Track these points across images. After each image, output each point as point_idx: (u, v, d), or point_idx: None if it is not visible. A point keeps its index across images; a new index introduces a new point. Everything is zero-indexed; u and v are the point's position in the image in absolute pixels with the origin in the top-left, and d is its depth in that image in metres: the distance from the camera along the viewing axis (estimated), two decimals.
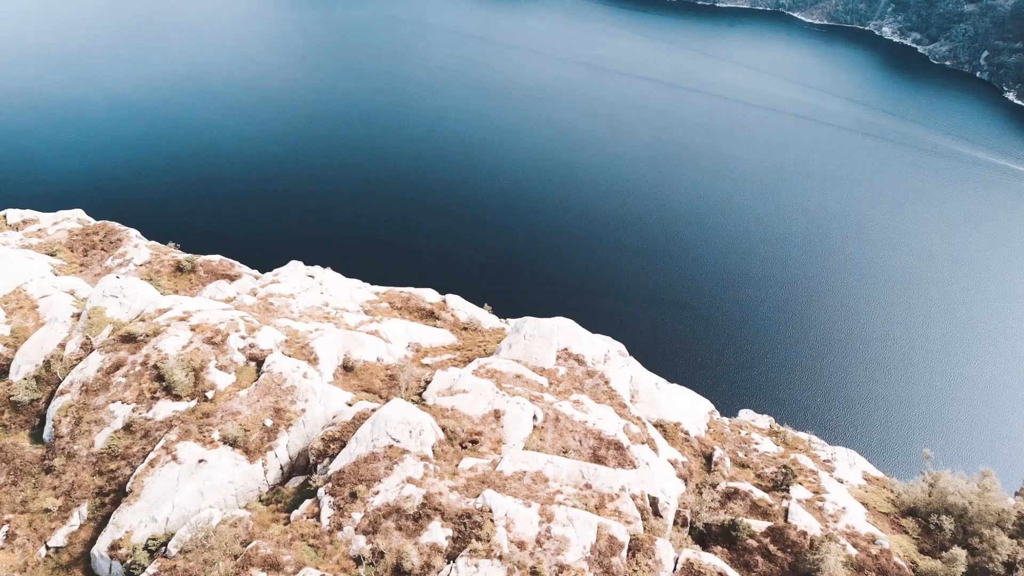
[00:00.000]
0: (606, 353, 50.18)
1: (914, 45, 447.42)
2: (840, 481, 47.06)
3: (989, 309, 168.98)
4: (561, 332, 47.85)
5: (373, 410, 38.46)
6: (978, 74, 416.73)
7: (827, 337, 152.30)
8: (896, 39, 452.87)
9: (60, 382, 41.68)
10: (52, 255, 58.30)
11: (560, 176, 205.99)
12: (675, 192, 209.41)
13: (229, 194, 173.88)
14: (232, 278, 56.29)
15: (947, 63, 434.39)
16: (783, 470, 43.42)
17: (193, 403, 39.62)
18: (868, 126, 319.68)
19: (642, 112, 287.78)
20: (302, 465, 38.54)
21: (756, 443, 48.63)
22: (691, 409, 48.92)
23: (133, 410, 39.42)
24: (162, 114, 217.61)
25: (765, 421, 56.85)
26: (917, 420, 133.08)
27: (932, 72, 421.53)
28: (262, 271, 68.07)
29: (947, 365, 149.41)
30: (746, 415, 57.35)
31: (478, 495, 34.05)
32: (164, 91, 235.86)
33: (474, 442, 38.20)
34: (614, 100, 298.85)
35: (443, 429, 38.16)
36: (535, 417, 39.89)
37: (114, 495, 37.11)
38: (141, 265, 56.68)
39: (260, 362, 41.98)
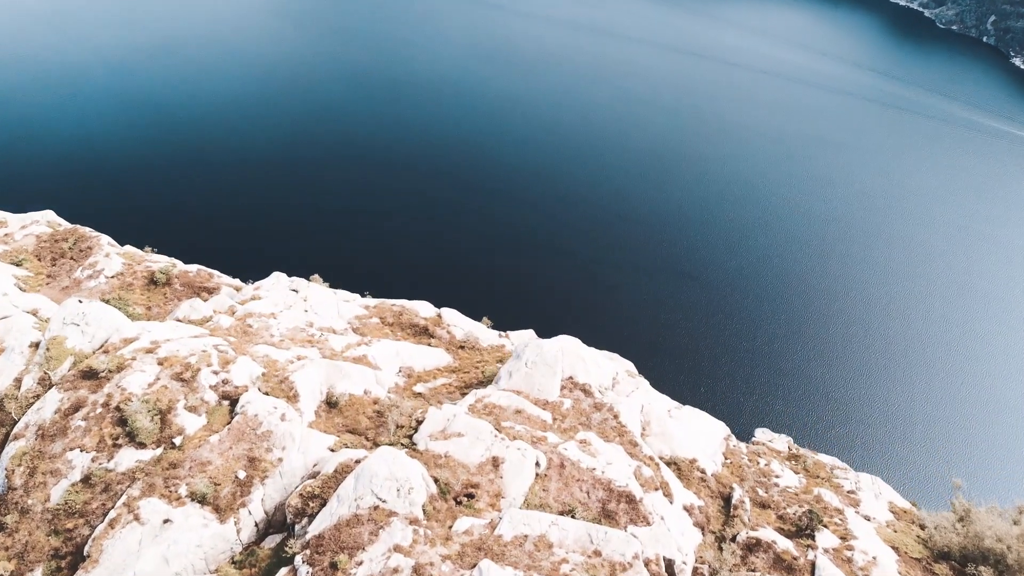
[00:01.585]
0: (614, 376, 46.47)
1: (920, 9, 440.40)
2: (867, 518, 43.54)
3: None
4: (565, 358, 44.01)
5: (357, 461, 34.70)
6: (984, 39, 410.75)
7: (840, 337, 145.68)
8: (902, 2, 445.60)
9: (15, 423, 37.86)
10: (18, 264, 54.28)
11: (559, 163, 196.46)
12: (677, 178, 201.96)
13: (211, 188, 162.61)
14: (210, 291, 52.32)
15: (953, 27, 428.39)
16: (808, 515, 39.83)
17: (159, 451, 35.84)
18: (872, 91, 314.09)
19: (646, 81, 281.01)
20: (279, 521, 34.87)
21: (776, 476, 45.00)
22: (706, 438, 45.25)
23: (93, 459, 35.64)
24: (140, 99, 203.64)
25: (783, 442, 53.31)
26: (941, 431, 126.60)
27: (938, 36, 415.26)
28: (244, 276, 64.05)
29: (968, 369, 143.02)
30: (762, 435, 53.79)
31: (474, 565, 30.44)
32: (141, 73, 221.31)
33: (470, 496, 34.51)
34: (616, 67, 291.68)
35: (435, 481, 34.45)
36: (538, 464, 36.20)
37: (71, 558, 33.44)
38: (112, 277, 52.68)
39: (234, 401, 38.17)
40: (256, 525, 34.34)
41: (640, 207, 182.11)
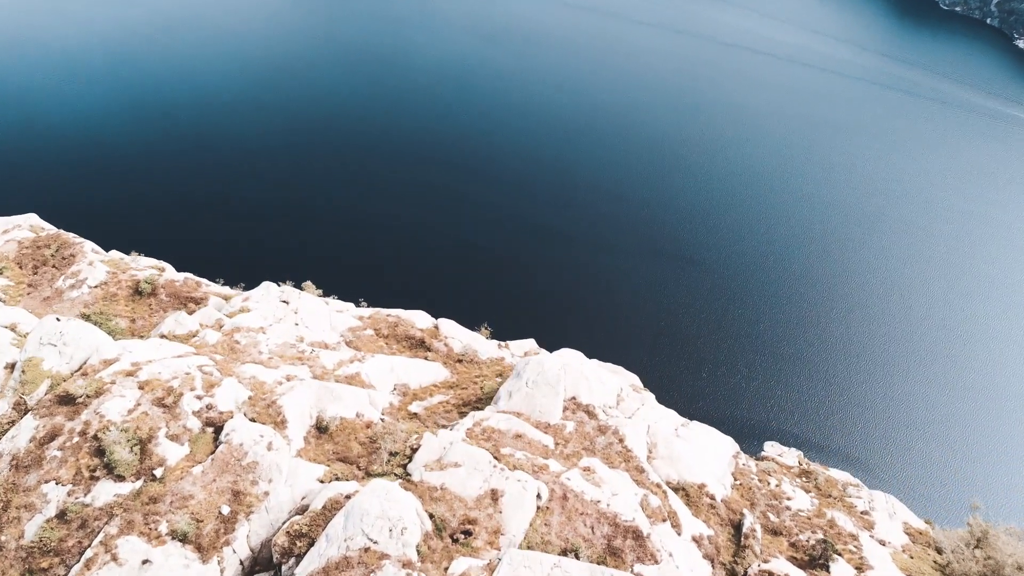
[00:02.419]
0: (618, 393, 44.52)
1: None
2: (882, 543, 41.77)
3: None
4: (568, 376, 42.03)
5: (348, 496, 32.78)
6: (988, 20, 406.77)
7: (846, 336, 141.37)
8: None
9: None
10: None
11: (559, 159, 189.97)
12: (679, 169, 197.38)
13: (203, 189, 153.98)
14: (197, 301, 50.31)
15: (957, 8, 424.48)
16: (821, 544, 38.01)
17: (139, 484, 33.93)
18: (874, 72, 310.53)
19: (647, 65, 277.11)
20: (266, 558, 32.99)
21: (788, 498, 43.13)
22: (715, 457, 43.34)
23: (69, 493, 33.73)
24: (130, 94, 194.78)
25: (793, 456, 51.50)
26: (956, 436, 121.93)
27: (941, 18, 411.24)
28: (235, 279, 61.99)
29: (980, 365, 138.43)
30: (771, 449, 52.03)
31: None
32: (131, 67, 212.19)
33: (467, 533, 32.59)
34: (617, 50, 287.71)
35: (431, 517, 32.55)
36: (539, 496, 34.28)
37: None
38: (96, 286, 50.63)
39: (219, 428, 36.22)
40: (241, 564, 32.49)
41: (641, 202, 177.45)
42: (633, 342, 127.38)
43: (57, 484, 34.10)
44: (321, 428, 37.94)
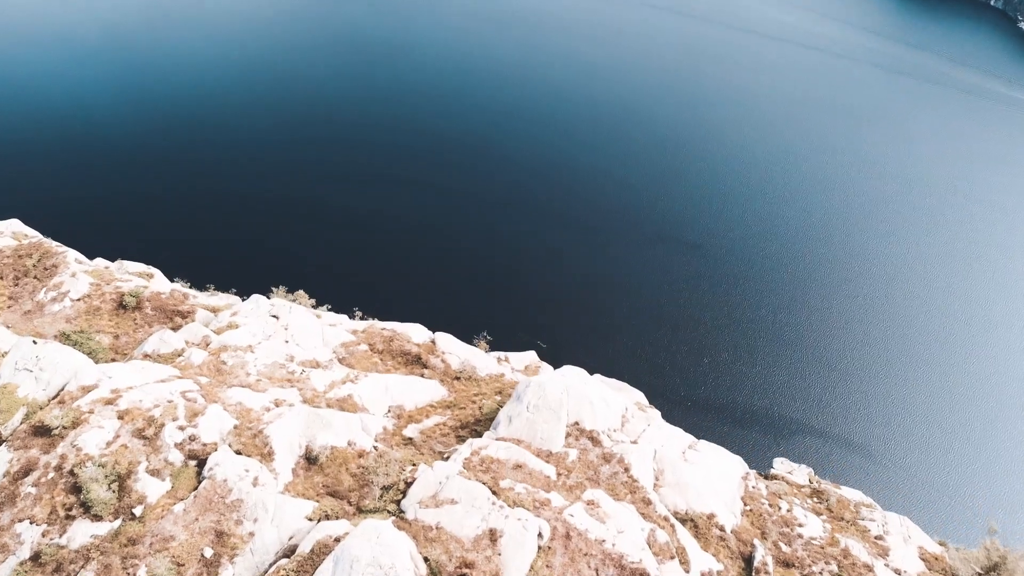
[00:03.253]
0: (623, 414, 42.64)
1: None
2: (898, 572, 40.02)
3: None
4: (570, 399, 40.13)
5: (337, 539, 30.98)
6: (992, 3, 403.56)
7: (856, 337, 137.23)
8: None
9: None
10: None
11: (559, 156, 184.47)
12: (681, 164, 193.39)
13: (195, 191, 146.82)
14: (184, 315, 48.34)
15: None
16: None
17: (117, 523, 32.10)
18: (876, 54, 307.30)
19: (649, 48, 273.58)
20: None
21: (800, 524, 41.28)
22: (723, 481, 41.53)
23: (44, 533, 31.91)
24: (117, 90, 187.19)
25: (803, 474, 49.68)
26: (970, 444, 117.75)
27: None
28: (225, 284, 60.29)
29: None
30: (781, 466, 50.15)
31: None
32: (119, 61, 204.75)
33: None
34: (617, 32, 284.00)
35: (425, 560, 30.72)
36: (540, 535, 32.44)
37: None
38: (79, 299, 48.65)
39: (202, 461, 34.37)
40: None
41: (642, 200, 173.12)
42: (635, 343, 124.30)
43: (32, 523, 32.28)
44: (310, 458, 36.08)
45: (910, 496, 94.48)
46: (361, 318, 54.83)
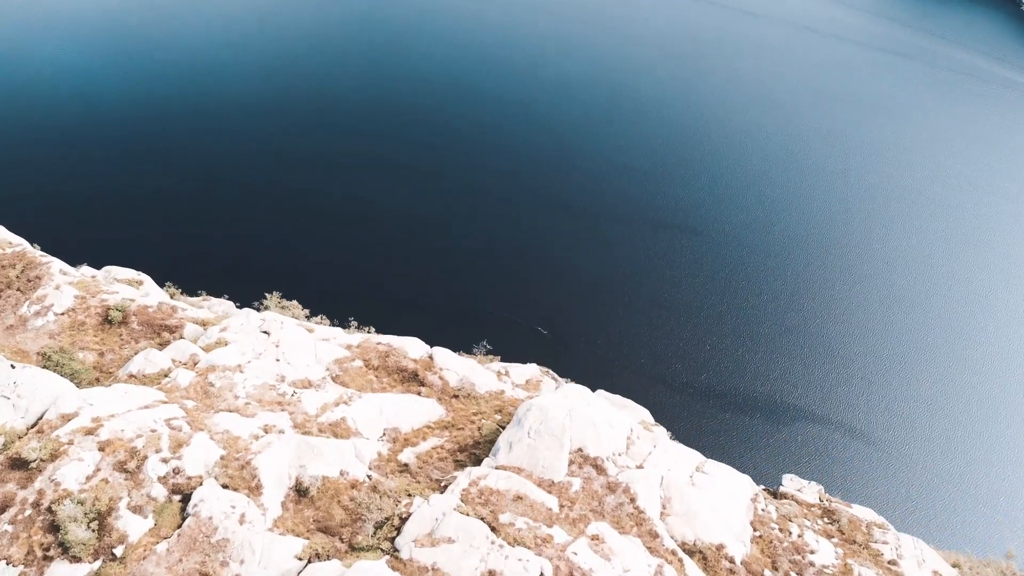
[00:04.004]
0: (628, 435, 40.97)
1: None
2: None
3: None
4: (574, 423, 38.44)
5: None
6: None
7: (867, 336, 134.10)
8: None
9: None
10: None
11: (558, 154, 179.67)
12: (683, 161, 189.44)
13: (189, 194, 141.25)
14: (172, 330, 46.60)
15: None
16: None
17: (96, 565, 30.55)
18: (878, 38, 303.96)
19: (649, 32, 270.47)
20: None
21: (811, 551, 39.70)
22: (732, 505, 39.91)
23: (21, 575, 30.34)
24: (109, 88, 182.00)
25: (813, 491, 48.11)
26: (980, 451, 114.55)
27: None
28: (218, 289, 58.66)
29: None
30: (790, 484, 48.59)
31: None
32: (110, 57, 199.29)
33: None
34: (617, 18, 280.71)
35: None
36: (542, 575, 30.85)
37: None
38: (63, 313, 46.92)
39: (187, 496, 32.74)
40: None
41: (643, 199, 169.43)
42: (637, 329, 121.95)
43: (8, 564, 30.73)
44: (301, 490, 34.44)
45: (922, 491, 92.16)
46: (357, 328, 53.18)
